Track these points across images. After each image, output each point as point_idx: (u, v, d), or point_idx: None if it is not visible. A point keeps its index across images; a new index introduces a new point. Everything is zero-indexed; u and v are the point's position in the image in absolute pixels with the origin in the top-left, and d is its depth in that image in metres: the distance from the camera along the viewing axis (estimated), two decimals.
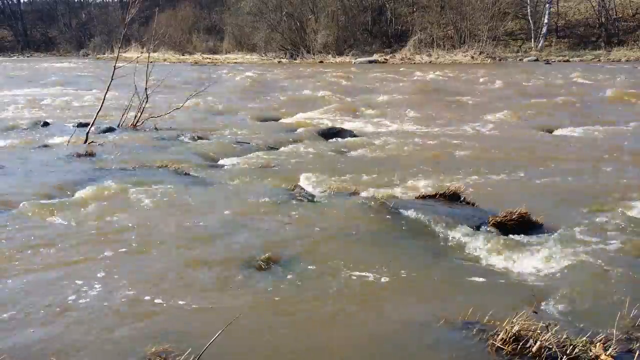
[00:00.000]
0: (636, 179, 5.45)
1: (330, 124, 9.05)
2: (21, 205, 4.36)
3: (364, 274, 3.21)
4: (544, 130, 8.69)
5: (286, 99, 13.43)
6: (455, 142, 7.57)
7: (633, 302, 2.73)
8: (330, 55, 32.73)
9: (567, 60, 27.99)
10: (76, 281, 3.11)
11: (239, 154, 6.77)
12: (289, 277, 3.18)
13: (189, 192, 4.80)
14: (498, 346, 2.42)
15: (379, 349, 2.47)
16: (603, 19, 32.40)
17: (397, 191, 5.03)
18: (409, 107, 11.39)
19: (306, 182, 5.33)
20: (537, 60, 28.38)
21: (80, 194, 4.74)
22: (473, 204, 4.54)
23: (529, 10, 33.25)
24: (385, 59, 31.19)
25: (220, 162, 6.44)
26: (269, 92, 15.16)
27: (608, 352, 2.33)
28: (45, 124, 8.89)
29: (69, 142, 7.20)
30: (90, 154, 6.43)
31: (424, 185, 5.19)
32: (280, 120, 9.86)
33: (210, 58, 35.82)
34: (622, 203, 4.58)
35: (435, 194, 4.65)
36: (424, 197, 4.67)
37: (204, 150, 6.93)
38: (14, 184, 5.03)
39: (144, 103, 8.96)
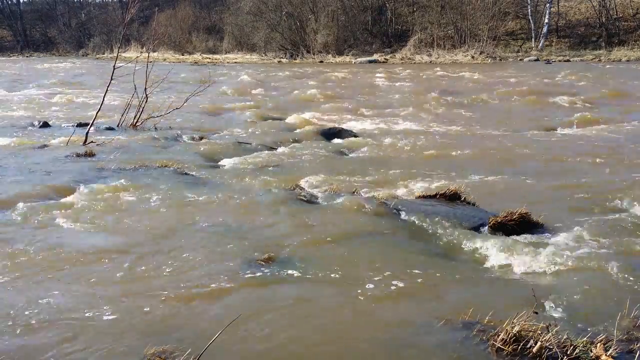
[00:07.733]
0: (636, 178, 5.44)
1: (330, 124, 9.04)
2: (19, 205, 4.35)
3: (364, 274, 3.21)
4: (545, 129, 8.69)
5: (286, 99, 13.43)
6: (455, 142, 7.56)
7: (633, 302, 2.72)
8: (330, 55, 32.67)
9: (568, 60, 27.93)
10: (75, 282, 3.11)
11: (239, 154, 6.77)
12: (289, 277, 3.18)
13: (189, 192, 4.79)
14: (498, 347, 2.42)
15: (379, 349, 2.46)
16: (603, 19, 32.35)
17: (397, 191, 5.02)
18: (409, 107, 11.38)
19: (306, 182, 5.33)
20: (537, 60, 28.32)
21: (79, 194, 4.74)
22: (473, 204, 4.53)
23: (529, 10, 33.17)
24: (385, 58, 31.16)
25: (220, 162, 6.44)
26: (269, 92, 15.15)
27: (609, 353, 2.32)
28: (45, 124, 8.88)
29: (68, 142, 7.19)
30: (90, 154, 6.43)
31: (424, 185, 5.18)
32: (280, 120, 9.84)
33: (209, 58, 35.76)
34: (622, 203, 4.57)
35: (436, 194, 4.65)
36: (424, 197, 4.67)
37: (204, 150, 6.93)
38: (12, 184, 5.02)
39: (144, 103, 8.96)
